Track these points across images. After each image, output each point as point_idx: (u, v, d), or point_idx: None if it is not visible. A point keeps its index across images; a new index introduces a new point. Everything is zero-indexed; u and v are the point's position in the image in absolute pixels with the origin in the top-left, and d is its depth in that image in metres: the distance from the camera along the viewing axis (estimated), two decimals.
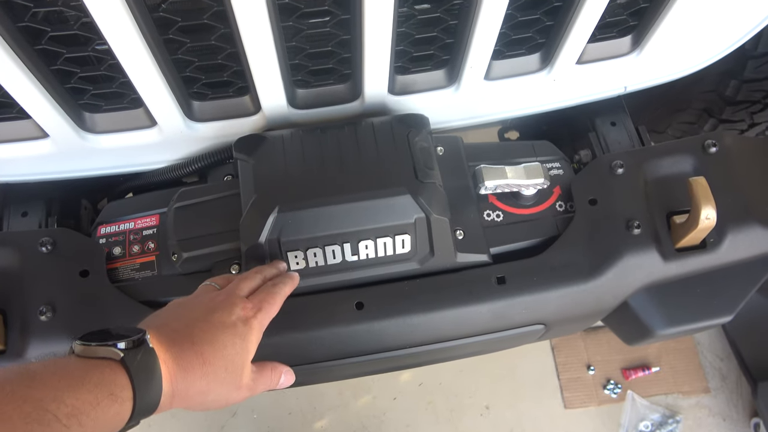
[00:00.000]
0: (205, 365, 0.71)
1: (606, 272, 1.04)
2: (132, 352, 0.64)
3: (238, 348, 0.75)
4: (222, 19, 0.86)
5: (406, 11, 0.93)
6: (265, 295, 0.85)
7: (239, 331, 0.76)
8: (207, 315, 0.76)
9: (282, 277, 0.91)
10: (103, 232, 1.08)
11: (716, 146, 1.11)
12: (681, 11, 1.00)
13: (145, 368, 0.64)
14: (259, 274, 0.90)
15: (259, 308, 0.82)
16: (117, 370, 0.62)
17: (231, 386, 0.75)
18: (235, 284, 0.85)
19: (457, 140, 1.14)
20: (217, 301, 0.80)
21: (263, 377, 0.83)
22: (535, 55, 1.08)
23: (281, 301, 0.87)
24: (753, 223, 1.07)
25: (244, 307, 0.80)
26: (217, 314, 0.77)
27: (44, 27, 0.83)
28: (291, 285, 0.91)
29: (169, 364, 0.68)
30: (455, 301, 1.01)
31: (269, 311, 0.84)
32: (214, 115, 1.04)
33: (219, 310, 0.78)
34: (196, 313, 0.77)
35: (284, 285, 0.89)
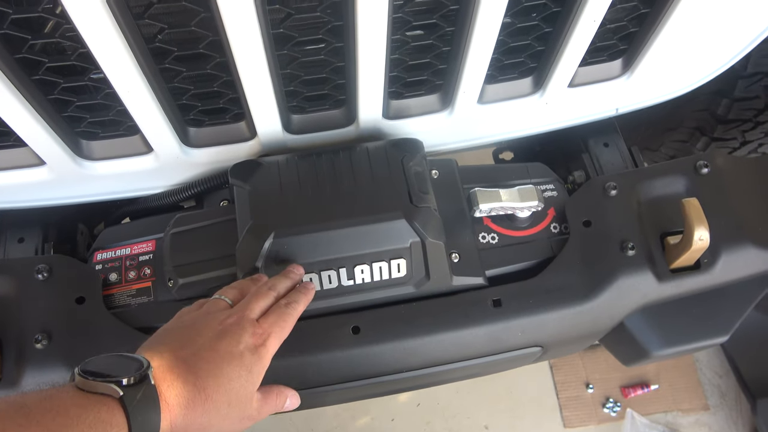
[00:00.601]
0: (207, 401, 0.69)
1: (601, 294, 1.04)
2: (132, 390, 0.62)
3: (243, 381, 0.74)
4: (217, 48, 0.87)
5: (399, 38, 0.94)
6: (276, 317, 0.82)
7: (246, 361, 0.74)
8: (214, 342, 0.74)
9: (296, 294, 0.88)
10: (100, 258, 1.09)
11: (708, 167, 1.12)
12: (670, 35, 1.02)
13: (144, 407, 0.63)
14: (273, 291, 0.86)
15: (270, 333, 0.79)
16: (115, 410, 0.61)
17: (234, 419, 0.74)
18: (246, 304, 0.82)
19: (451, 163, 1.15)
20: (226, 325, 0.77)
21: (268, 403, 0.81)
22: (527, 79, 1.09)
23: (294, 322, 0.84)
24: (746, 243, 1.08)
25: (253, 333, 0.77)
26: (225, 342, 0.74)
27: (42, 58, 0.84)
28: (305, 301, 0.88)
29: (169, 401, 0.66)
30: (451, 325, 1.01)
31: (280, 335, 0.81)
32: (210, 141, 1.05)
33: (227, 337, 0.75)
34: (204, 338, 0.74)
35: (298, 304, 0.86)
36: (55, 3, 0.76)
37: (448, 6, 0.89)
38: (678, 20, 0.98)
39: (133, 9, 0.79)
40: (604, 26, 0.98)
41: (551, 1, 0.93)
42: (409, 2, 0.88)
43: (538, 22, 0.97)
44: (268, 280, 0.89)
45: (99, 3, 0.72)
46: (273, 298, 0.85)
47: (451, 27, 0.93)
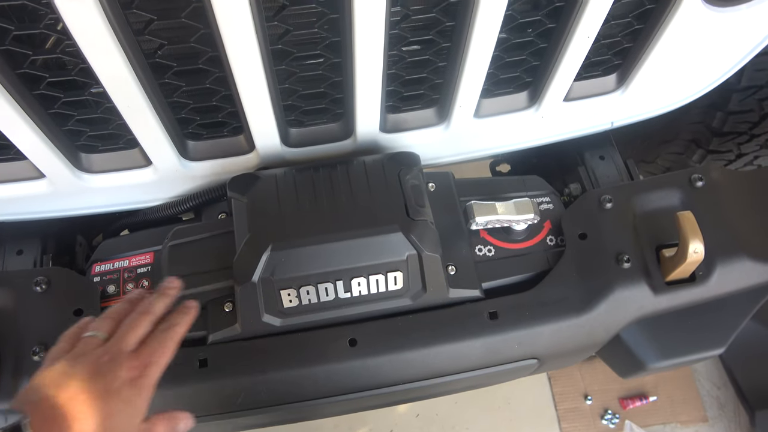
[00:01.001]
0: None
1: (597, 306, 1.04)
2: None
3: (124, 415, 0.73)
4: (217, 63, 0.88)
5: (395, 53, 0.95)
6: (156, 345, 0.80)
7: (124, 396, 0.74)
8: (90, 384, 0.72)
9: (176, 316, 0.85)
10: (98, 270, 1.09)
11: (703, 180, 1.13)
12: (663, 51, 1.03)
13: None
14: (148, 315, 0.83)
15: (148, 363, 0.78)
16: None
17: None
18: (120, 337, 0.79)
19: (448, 176, 1.16)
20: (100, 364, 0.75)
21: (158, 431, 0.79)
22: (523, 93, 1.11)
23: (175, 346, 0.82)
24: (741, 256, 1.09)
25: (130, 367, 0.76)
26: (101, 381, 0.73)
27: (43, 73, 0.85)
28: (187, 322, 0.85)
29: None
30: (448, 337, 1.02)
31: (160, 363, 0.79)
32: (208, 155, 1.06)
33: (102, 377, 0.73)
34: (80, 379, 0.73)
35: (178, 326, 0.83)
36: (56, 19, 0.77)
37: (444, 22, 0.90)
38: (671, 36, 1.00)
39: (133, 25, 0.80)
40: (598, 41, 0.99)
41: (546, 17, 0.95)
42: (406, 18, 0.89)
43: (533, 38, 0.98)
44: (142, 304, 0.85)
45: (99, 20, 0.73)
46: (149, 323, 0.83)
47: (447, 42, 0.94)
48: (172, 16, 0.79)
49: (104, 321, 0.83)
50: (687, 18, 0.96)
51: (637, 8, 0.98)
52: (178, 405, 0.97)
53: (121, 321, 0.82)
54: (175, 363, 0.97)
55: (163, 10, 0.80)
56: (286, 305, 0.98)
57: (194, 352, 0.99)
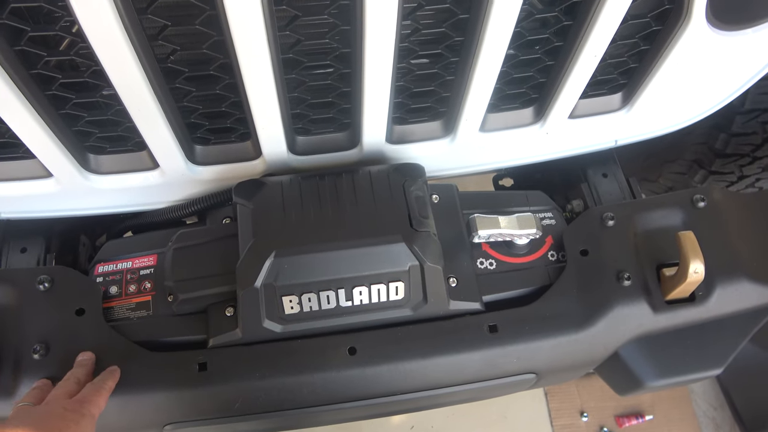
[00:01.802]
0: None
1: (597, 323, 1.05)
2: None
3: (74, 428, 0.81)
4: (227, 70, 0.89)
5: (404, 66, 0.96)
6: (88, 391, 0.88)
7: (69, 416, 0.82)
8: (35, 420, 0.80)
9: (103, 374, 0.94)
10: (101, 271, 1.10)
11: (705, 201, 1.14)
12: (669, 72, 1.04)
13: None
14: (73, 378, 0.92)
15: (84, 399, 0.86)
16: None
17: None
18: (54, 393, 0.88)
19: (452, 188, 1.16)
20: (40, 412, 0.83)
21: None
22: (529, 109, 1.12)
23: (107, 396, 0.90)
24: (741, 277, 1.09)
25: (69, 404, 0.84)
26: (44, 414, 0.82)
27: (56, 74, 0.86)
28: (113, 380, 0.94)
29: None
30: (447, 349, 1.02)
31: (96, 403, 0.87)
32: (215, 159, 1.07)
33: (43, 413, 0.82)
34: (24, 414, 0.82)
35: (106, 381, 0.92)
36: (72, 22, 0.79)
37: (453, 37, 0.91)
38: (677, 58, 1.01)
39: (147, 30, 0.81)
40: (604, 61, 1.01)
41: (554, 35, 0.96)
42: (416, 32, 0.91)
43: (541, 55, 0.99)
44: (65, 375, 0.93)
45: (115, 24, 0.74)
46: (75, 384, 0.91)
47: (455, 57, 0.95)
48: (185, 22, 0.81)
49: (30, 396, 0.90)
50: (693, 40, 0.97)
51: (644, 29, 0.99)
52: (177, 407, 0.98)
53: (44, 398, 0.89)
54: (175, 366, 0.98)
55: (178, 17, 0.81)
56: (287, 312, 0.98)
57: (194, 355, 0.99)
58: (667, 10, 0.95)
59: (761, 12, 0.99)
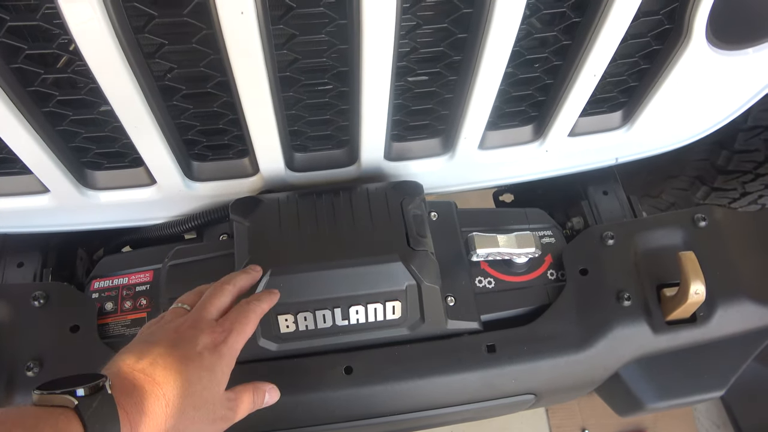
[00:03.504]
0: (169, 407, 0.68)
1: (596, 344, 1.04)
2: (88, 400, 0.61)
3: (206, 382, 0.72)
4: (225, 88, 0.89)
5: (402, 84, 0.96)
6: (236, 315, 0.80)
7: (206, 362, 0.73)
8: (171, 348, 0.72)
9: (260, 294, 0.87)
10: (97, 287, 1.09)
11: (706, 220, 1.13)
12: (669, 90, 1.04)
13: (101, 416, 0.61)
14: (231, 286, 0.84)
15: (230, 331, 0.78)
16: (71, 419, 0.60)
17: (204, 422, 0.72)
18: (201, 305, 0.80)
19: (450, 206, 1.16)
20: (182, 330, 0.76)
21: (243, 402, 0.79)
22: (528, 126, 1.11)
23: (256, 321, 0.82)
24: (743, 298, 1.08)
25: (212, 332, 0.76)
26: (182, 346, 0.73)
27: (53, 91, 0.86)
28: (269, 302, 0.86)
29: (129, 410, 0.65)
30: (445, 369, 1.01)
31: (242, 333, 0.79)
32: (213, 176, 1.07)
33: (183, 341, 0.74)
34: (160, 347, 0.73)
35: (261, 302, 0.84)
36: (69, 39, 0.79)
37: (452, 56, 0.91)
38: (677, 77, 1.00)
39: (144, 48, 0.81)
40: (604, 79, 1.00)
41: (553, 54, 0.95)
42: (414, 51, 0.90)
43: (540, 73, 0.99)
44: (225, 278, 0.86)
45: (111, 43, 0.74)
46: (230, 294, 0.84)
47: (454, 76, 0.95)
48: (182, 41, 0.81)
49: (189, 295, 0.85)
50: (693, 60, 0.96)
51: (644, 48, 0.98)
52: None
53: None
54: None
55: (174, 35, 0.81)
56: (282, 330, 0.97)
57: None
58: (667, 29, 0.94)
59: (762, 32, 0.98)
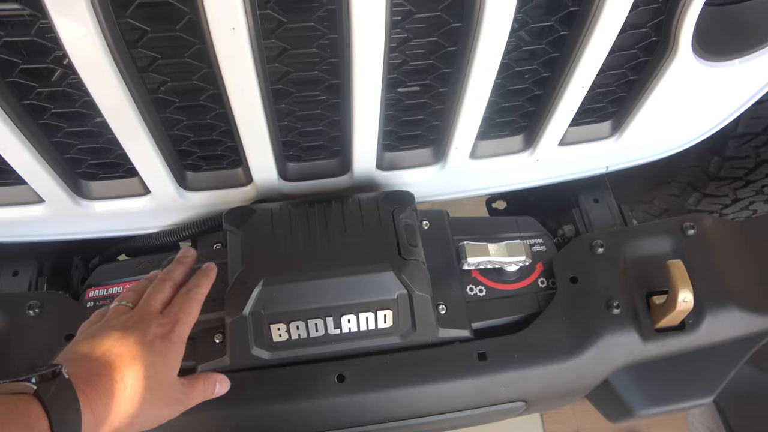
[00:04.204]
0: (126, 390, 0.72)
1: (586, 351, 1.05)
2: (45, 385, 0.64)
3: (159, 366, 0.77)
4: (217, 100, 0.90)
5: (393, 96, 0.97)
6: (180, 305, 0.85)
7: (158, 348, 0.78)
8: (123, 338, 0.76)
9: (197, 278, 0.92)
10: (92, 295, 1.10)
11: (694, 228, 1.14)
12: (657, 100, 1.05)
13: (61, 399, 0.65)
14: (169, 281, 0.89)
15: (176, 320, 0.83)
16: (31, 402, 0.63)
17: (159, 405, 0.76)
18: (145, 301, 0.85)
19: (442, 214, 1.17)
20: (130, 324, 0.80)
21: (195, 389, 0.84)
22: (519, 136, 1.12)
23: (199, 306, 0.88)
24: (731, 306, 1.09)
25: (159, 324, 0.81)
26: (133, 336, 0.77)
27: (47, 104, 0.87)
28: (207, 283, 0.91)
29: (88, 393, 0.68)
30: (436, 376, 1.02)
31: (187, 320, 0.84)
32: (206, 185, 1.08)
33: (134, 332, 0.78)
34: (113, 337, 0.77)
35: (200, 287, 0.90)
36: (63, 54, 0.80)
37: (442, 69, 0.92)
38: (665, 87, 1.01)
39: (137, 62, 0.82)
40: (593, 90, 1.01)
41: (542, 66, 0.97)
42: (405, 64, 0.92)
43: (529, 85, 1.00)
44: (162, 273, 0.91)
45: (104, 57, 0.75)
46: (171, 288, 0.89)
47: (444, 87, 0.96)
48: (175, 55, 0.82)
49: (129, 293, 0.89)
50: (680, 71, 0.98)
51: (631, 60, 1.00)
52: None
53: (143, 293, 0.88)
54: None
55: (167, 49, 0.82)
56: (275, 339, 0.98)
57: None
58: (654, 42, 0.96)
59: (746, 44, 1.00)
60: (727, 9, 1.00)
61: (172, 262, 0.95)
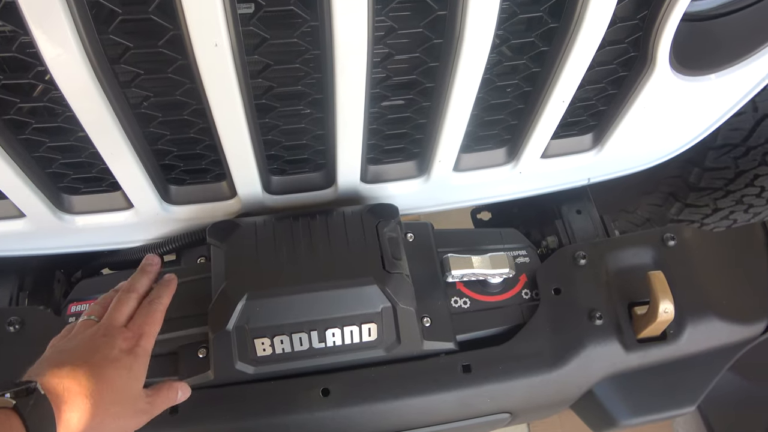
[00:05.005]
0: (95, 405, 0.75)
1: (569, 362, 1.06)
2: (24, 400, 0.69)
3: (125, 379, 0.80)
4: (201, 115, 0.90)
5: (377, 110, 0.98)
6: (144, 318, 0.88)
7: (124, 363, 0.80)
8: (90, 354, 0.79)
9: (158, 289, 0.94)
10: (74, 311, 1.09)
11: (675, 239, 1.16)
12: (637, 114, 1.07)
13: (38, 412, 0.69)
14: (133, 293, 0.91)
15: (141, 334, 0.85)
16: (11, 416, 0.67)
17: (126, 416, 0.80)
18: (109, 315, 0.87)
19: (426, 227, 1.17)
20: (97, 338, 0.83)
21: (160, 398, 0.86)
22: (502, 149, 1.13)
23: (161, 317, 0.90)
24: (711, 316, 1.11)
25: (124, 339, 0.83)
26: (100, 351, 0.80)
27: (29, 119, 0.86)
28: (168, 295, 0.94)
29: (60, 407, 0.72)
30: (421, 389, 1.02)
31: (151, 332, 0.87)
32: (190, 199, 1.08)
33: (101, 347, 0.81)
34: (79, 353, 0.80)
35: (161, 298, 0.92)
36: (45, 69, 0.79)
37: (425, 84, 0.93)
38: (644, 101, 1.03)
39: (120, 77, 0.82)
40: (574, 104, 1.03)
41: (523, 81, 0.98)
42: (388, 79, 0.92)
43: (511, 99, 1.02)
44: (125, 283, 0.94)
45: (86, 74, 0.75)
46: (135, 300, 0.91)
47: (427, 102, 0.97)
48: (158, 70, 0.82)
49: (95, 306, 0.91)
50: (658, 86, 0.99)
51: (610, 75, 1.01)
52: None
53: (108, 305, 0.90)
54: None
55: (150, 64, 0.82)
56: (259, 354, 0.98)
57: None
58: (633, 57, 0.98)
59: (722, 58, 1.02)
60: (704, 25, 1.02)
61: (137, 271, 0.96)
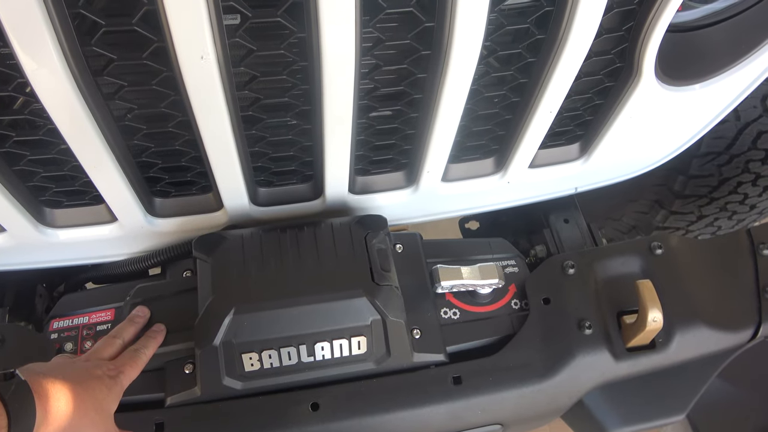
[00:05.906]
0: (78, 404, 0.78)
1: (559, 372, 1.05)
2: (6, 384, 0.71)
3: (105, 394, 0.83)
4: (186, 126, 0.89)
5: (365, 121, 0.97)
6: (128, 359, 0.91)
7: (106, 382, 0.84)
8: (73, 367, 0.84)
9: (145, 340, 0.96)
10: (56, 327, 1.06)
11: (662, 248, 1.16)
12: (623, 124, 1.07)
13: (19, 398, 0.71)
14: (118, 339, 0.94)
15: (121, 370, 0.88)
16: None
17: (99, 427, 0.82)
18: (95, 350, 0.91)
19: (415, 237, 1.17)
20: (79, 361, 0.87)
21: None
22: (490, 159, 1.14)
23: (143, 364, 0.93)
24: (699, 324, 1.11)
25: (107, 368, 0.87)
26: (84, 367, 0.85)
27: (9, 132, 0.85)
28: (154, 345, 0.96)
29: (42, 395, 0.74)
30: (412, 402, 1.01)
31: (131, 373, 0.89)
32: (175, 212, 1.06)
33: (85, 366, 0.86)
34: (63, 367, 0.84)
35: (147, 348, 0.94)
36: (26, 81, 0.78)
37: (412, 95, 0.93)
38: (630, 111, 1.04)
39: (103, 89, 0.81)
40: (561, 114, 1.03)
41: (510, 91, 0.98)
42: (375, 90, 0.92)
43: (499, 109, 1.02)
44: (114, 330, 0.97)
45: (69, 86, 0.74)
46: (119, 347, 0.94)
47: (415, 113, 0.97)
48: (142, 82, 0.80)
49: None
50: (644, 96, 1.00)
51: (597, 85, 1.02)
52: None
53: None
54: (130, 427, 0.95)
55: (134, 76, 0.81)
56: (247, 369, 0.96)
57: (151, 415, 0.96)
58: (619, 68, 0.98)
59: (706, 69, 1.03)
60: (688, 36, 1.03)
61: (125, 320, 0.99)
